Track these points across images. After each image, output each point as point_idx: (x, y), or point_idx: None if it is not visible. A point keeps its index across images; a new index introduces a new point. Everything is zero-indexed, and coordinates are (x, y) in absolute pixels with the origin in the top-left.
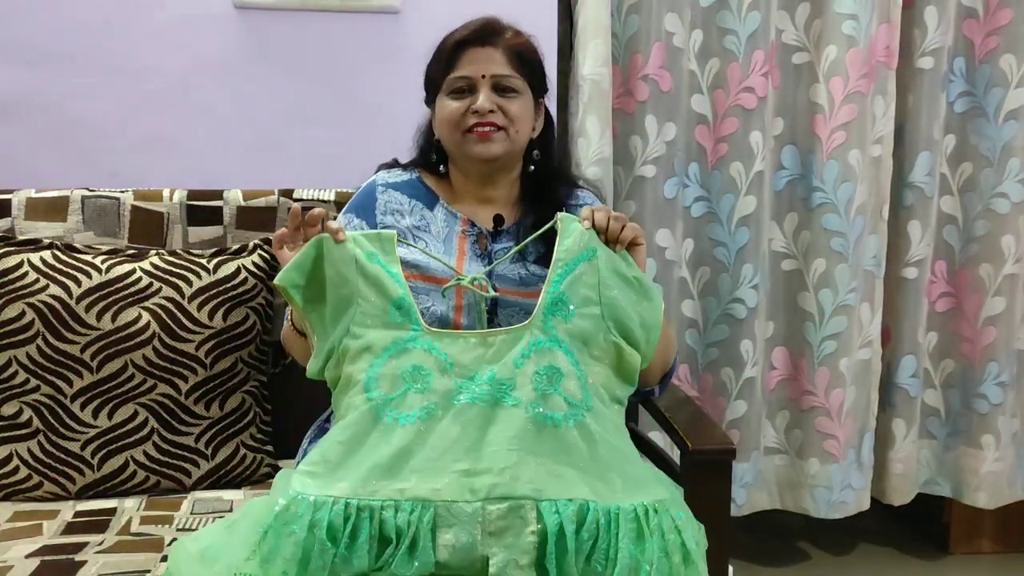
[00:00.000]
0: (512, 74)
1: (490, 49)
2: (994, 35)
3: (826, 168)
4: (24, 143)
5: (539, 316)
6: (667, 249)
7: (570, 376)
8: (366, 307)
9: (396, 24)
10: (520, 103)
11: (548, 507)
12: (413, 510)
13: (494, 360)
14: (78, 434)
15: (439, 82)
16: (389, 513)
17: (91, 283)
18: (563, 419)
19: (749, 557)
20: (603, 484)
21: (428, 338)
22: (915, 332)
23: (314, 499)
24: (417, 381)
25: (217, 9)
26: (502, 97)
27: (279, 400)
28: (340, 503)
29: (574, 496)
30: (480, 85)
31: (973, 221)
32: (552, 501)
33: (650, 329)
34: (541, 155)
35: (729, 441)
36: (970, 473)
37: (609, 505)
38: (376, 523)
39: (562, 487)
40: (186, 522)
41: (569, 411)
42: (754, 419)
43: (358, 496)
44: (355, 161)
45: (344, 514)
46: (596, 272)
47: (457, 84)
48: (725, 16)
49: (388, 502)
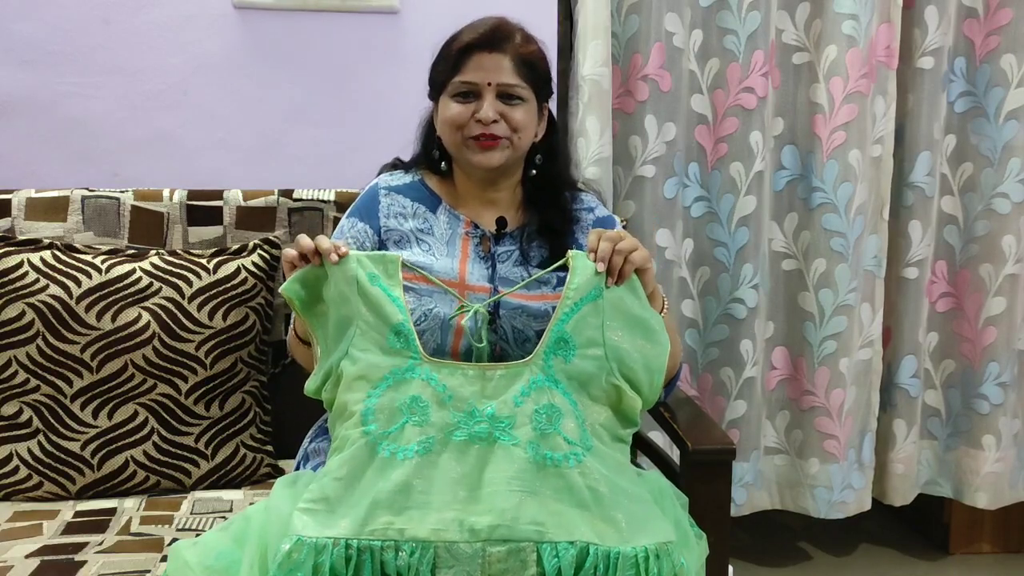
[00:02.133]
0: (519, 83)
1: (498, 56)
2: (994, 35)
3: (826, 168)
4: (24, 143)
5: (540, 354)
6: (667, 249)
7: (568, 416)
8: (365, 328)
9: (396, 24)
10: (524, 111)
11: (548, 550)
12: (413, 552)
13: (493, 395)
14: (78, 434)
15: (444, 82)
16: (390, 555)
17: (91, 283)
18: (563, 459)
19: (749, 557)
20: (607, 525)
21: (427, 367)
22: (915, 332)
23: (315, 541)
24: (415, 413)
25: (217, 9)
26: (507, 105)
27: (279, 400)
28: (341, 545)
29: (576, 538)
30: (485, 92)
31: (974, 221)
32: (552, 544)
33: (653, 373)
34: (544, 159)
35: (729, 441)
36: (971, 474)
37: (610, 549)
38: (377, 563)
39: (564, 527)
40: (186, 522)
41: (569, 451)
42: (754, 419)
43: (359, 536)
44: (355, 161)
45: (345, 555)
46: (601, 312)
47: (462, 88)
48: (725, 16)
49: (388, 543)
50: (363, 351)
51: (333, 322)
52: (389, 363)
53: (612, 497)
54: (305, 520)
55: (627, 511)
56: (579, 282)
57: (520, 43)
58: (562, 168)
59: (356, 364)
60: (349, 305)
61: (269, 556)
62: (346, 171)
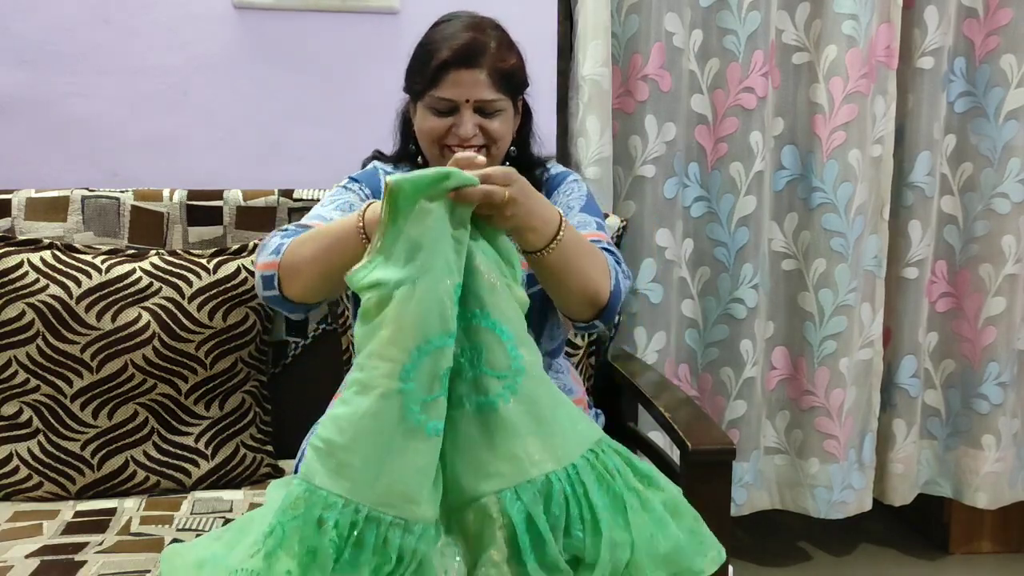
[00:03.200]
0: (497, 97)
1: (475, 72)
2: (994, 35)
3: (826, 168)
4: (24, 143)
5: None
6: (667, 249)
7: (491, 346)
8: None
9: (396, 24)
10: (502, 120)
11: (509, 497)
12: (424, 532)
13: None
14: (78, 434)
15: (420, 92)
16: (396, 532)
17: (91, 283)
18: (497, 399)
19: (749, 557)
20: (558, 439)
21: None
22: (915, 332)
23: (326, 495)
24: (445, 388)
25: (217, 9)
26: (484, 117)
27: (279, 400)
28: (351, 507)
29: (532, 475)
30: (463, 108)
31: (973, 221)
32: (512, 489)
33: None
34: (518, 149)
35: (729, 441)
36: (970, 473)
37: (568, 468)
38: (381, 538)
39: (519, 469)
40: (186, 522)
41: (501, 387)
42: (754, 419)
43: (369, 504)
44: (355, 161)
45: (352, 519)
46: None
47: (439, 104)
48: (725, 16)
49: (398, 520)
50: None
51: (422, 244)
52: (441, 328)
53: (552, 412)
54: (315, 467)
55: (565, 416)
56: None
57: (496, 55)
58: (532, 156)
59: (420, 304)
60: (448, 247)
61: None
62: (346, 171)
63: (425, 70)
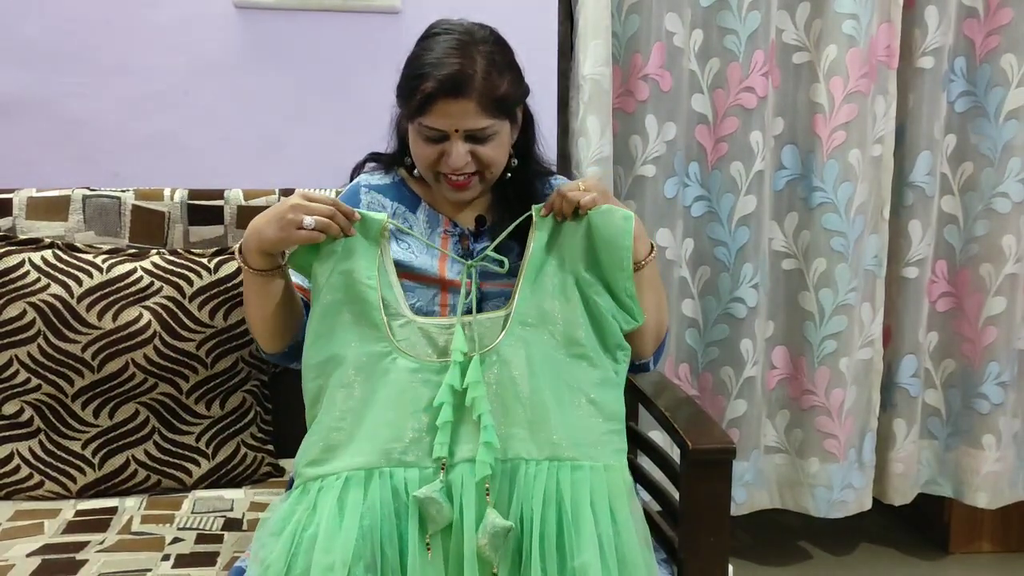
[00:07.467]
0: (487, 124)
1: (464, 102)
2: (995, 35)
3: (826, 168)
4: (25, 143)
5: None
6: (667, 249)
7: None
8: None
9: (397, 24)
10: (495, 144)
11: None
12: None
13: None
14: (79, 433)
15: (410, 118)
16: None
17: (92, 282)
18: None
19: (749, 557)
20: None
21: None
22: (916, 332)
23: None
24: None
25: (217, 9)
26: (477, 143)
27: (280, 399)
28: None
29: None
30: (453, 136)
31: (974, 221)
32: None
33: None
34: (520, 160)
35: (729, 440)
36: (971, 473)
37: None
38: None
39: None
40: (187, 521)
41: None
42: (754, 418)
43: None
44: (355, 161)
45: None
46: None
47: (429, 133)
48: (725, 16)
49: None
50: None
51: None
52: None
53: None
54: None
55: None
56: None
57: (485, 82)
58: (535, 164)
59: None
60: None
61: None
62: (346, 171)
63: (412, 98)
